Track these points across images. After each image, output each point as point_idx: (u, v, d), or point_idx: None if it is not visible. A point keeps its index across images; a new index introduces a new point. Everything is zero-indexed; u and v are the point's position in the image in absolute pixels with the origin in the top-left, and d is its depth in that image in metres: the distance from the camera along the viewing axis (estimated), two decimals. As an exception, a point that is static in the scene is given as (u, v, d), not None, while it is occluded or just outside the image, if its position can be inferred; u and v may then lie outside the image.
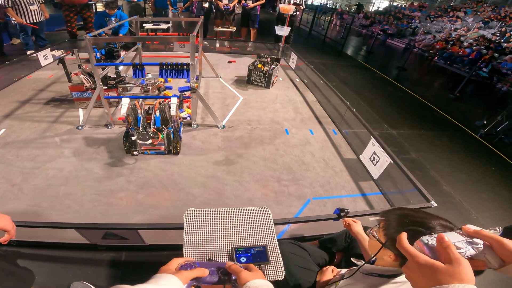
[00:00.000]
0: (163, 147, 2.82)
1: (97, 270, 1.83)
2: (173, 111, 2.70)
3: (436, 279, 0.55)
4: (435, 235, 0.62)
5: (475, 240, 0.62)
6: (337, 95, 3.88)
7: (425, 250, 0.61)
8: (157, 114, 2.70)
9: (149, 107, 2.78)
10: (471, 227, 0.66)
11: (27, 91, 3.95)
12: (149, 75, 3.58)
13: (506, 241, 0.61)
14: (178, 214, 2.23)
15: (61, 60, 3.44)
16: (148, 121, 2.71)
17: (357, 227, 1.52)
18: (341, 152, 3.29)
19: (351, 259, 1.18)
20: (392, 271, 0.91)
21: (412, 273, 0.61)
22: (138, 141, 2.60)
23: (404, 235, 0.66)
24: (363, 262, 1.05)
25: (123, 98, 2.66)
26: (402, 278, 0.90)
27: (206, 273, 0.81)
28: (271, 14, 16.54)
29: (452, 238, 0.62)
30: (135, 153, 2.78)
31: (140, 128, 2.60)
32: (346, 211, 1.80)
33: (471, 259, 0.58)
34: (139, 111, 2.66)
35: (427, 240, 0.62)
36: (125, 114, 2.61)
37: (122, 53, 4.33)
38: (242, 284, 0.77)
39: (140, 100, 2.72)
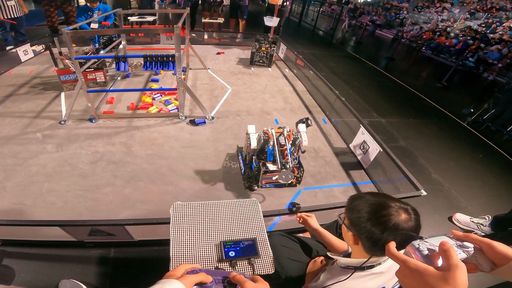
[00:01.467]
0: None
1: (86, 267, 1.79)
2: (305, 141, 2.24)
3: (428, 283, 0.54)
4: (426, 240, 0.62)
5: (466, 243, 0.62)
6: (327, 85, 3.86)
7: (417, 254, 0.60)
8: (290, 145, 2.24)
9: (278, 137, 2.29)
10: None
11: (8, 87, 3.79)
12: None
13: (495, 243, 0.61)
14: (166, 208, 2.13)
15: (47, 47, 3.63)
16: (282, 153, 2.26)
17: (313, 221, 1.51)
18: (331, 140, 3.28)
19: (327, 253, 1.18)
20: (368, 263, 0.91)
21: (404, 279, 0.61)
22: (281, 181, 2.15)
23: (392, 244, 0.66)
24: (339, 256, 1.06)
25: (248, 127, 2.22)
26: (378, 269, 0.90)
27: (209, 279, 0.79)
28: (260, 5, 16.36)
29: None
30: (255, 187, 2.43)
31: (279, 164, 2.14)
32: (297, 206, 1.78)
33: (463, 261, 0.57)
34: (271, 141, 2.18)
35: (418, 244, 0.61)
36: (255, 147, 2.16)
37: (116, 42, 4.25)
38: None
39: (270, 128, 2.27)
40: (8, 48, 4.96)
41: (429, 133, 4.00)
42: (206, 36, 6.87)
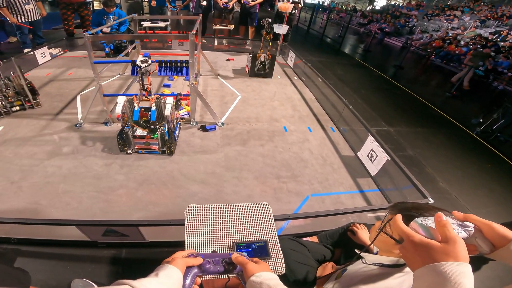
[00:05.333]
0: (157, 146, 2.77)
1: (98, 267, 1.84)
2: (167, 111, 2.63)
3: (431, 257, 0.56)
4: (429, 217, 0.64)
5: (466, 223, 0.64)
6: (335, 93, 3.90)
7: (420, 230, 0.63)
8: (153, 108, 2.62)
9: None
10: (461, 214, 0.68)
11: (25, 89, 3.92)
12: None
13: (495, 224, 0.64)
14: (177, 210, 2.24)
15: None
16: (145, 118, 2.68)
17: (364, 234, 1.56)
18: (339, 149, 3.31)
19: (355, 250, 1.19)
20: (395, 261, 0.94)
21: (408, 253, 0.62)
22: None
23: (399, 217, 0.68)
24: (367, 252, 1.06)
25: (119, 96, 2.57)
26: (407, 268, 0.92)
27: (199, 261, 0.82)
28: (269, 13, 16.51)
29: None
30: (129, 151, 2.76)
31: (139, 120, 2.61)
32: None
33: None
34: (136, 104, 2.57)
35: (421, 221, 0.64)
36: (121, 113, 2.56)
37: (129, 48, 4.33)
38: (249, 276, 0.78)
39: (139, 95, 2.67)
40: (25, 51, 5.14)
41: (437, 142, 4.00)
42: (216, 43, 6.98)
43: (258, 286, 0.75)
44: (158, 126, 2.65)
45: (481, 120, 4.66)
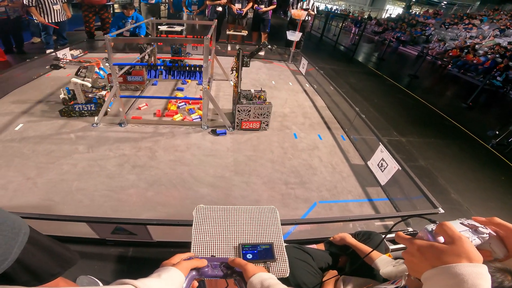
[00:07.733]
0: None
1: (104, 264, 1.86)
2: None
3: (440, 259, 0.54)
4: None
5: (480, 229, 0.62)
6: (347, 101, 3.89)
7: (429, 237, 0.61)
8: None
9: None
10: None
11: (45, 88, 4.07)
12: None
13: None
14: (185, 212, 2.27)
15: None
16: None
17: (349, 238, 1.60)
18: (349, 157, 3.29)
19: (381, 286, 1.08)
20: None
21: (413, 258, 0.60)
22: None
23: (401, 233, 0.67)
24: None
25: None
26: None
27: (204, 263, 0.83)
28: (282, 19, 16.62)
29: (457, 228, 0.61)
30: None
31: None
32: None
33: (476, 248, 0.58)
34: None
35: (431, 228, 0.61)
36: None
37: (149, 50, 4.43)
38: (249, 276, 0.79)
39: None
40: (48, 51, 5.34)
41: (450, 154, 3.92)
42: (229, 48, 7.07)
43: (259, 286, 0.76)
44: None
45: (497, 132, 4.54)
